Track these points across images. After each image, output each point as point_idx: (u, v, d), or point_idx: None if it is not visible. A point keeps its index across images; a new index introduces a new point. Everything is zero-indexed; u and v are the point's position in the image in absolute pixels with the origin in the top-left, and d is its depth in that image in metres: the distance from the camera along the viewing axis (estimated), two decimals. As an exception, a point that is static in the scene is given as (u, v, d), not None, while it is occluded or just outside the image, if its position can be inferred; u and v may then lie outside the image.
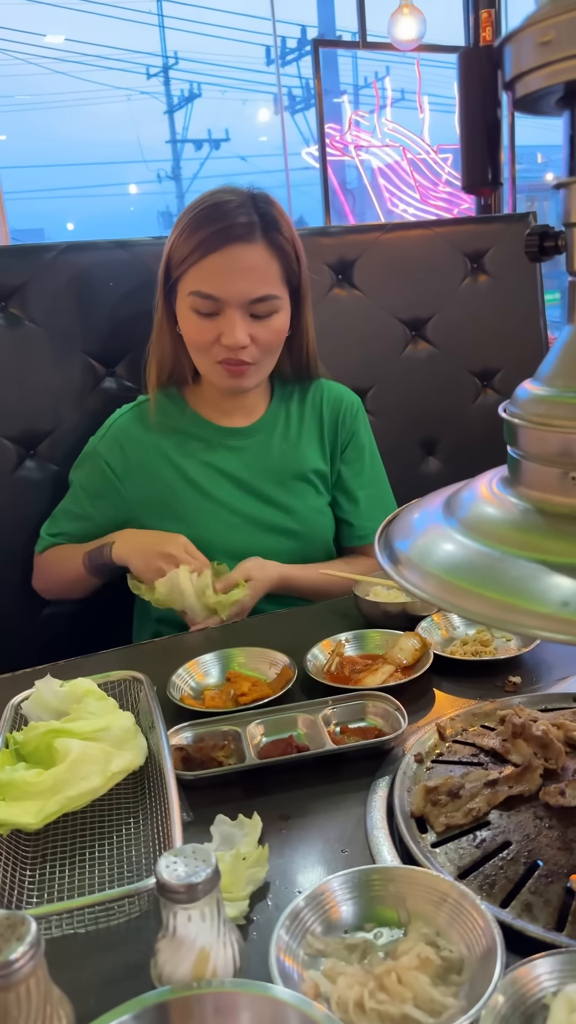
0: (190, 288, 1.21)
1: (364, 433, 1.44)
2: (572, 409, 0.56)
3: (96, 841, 0.74)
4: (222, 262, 1.18)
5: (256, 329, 1.22)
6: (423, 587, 0.60)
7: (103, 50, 8.05)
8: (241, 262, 1.19)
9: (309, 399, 1.40)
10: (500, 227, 1.84)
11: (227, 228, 1.18)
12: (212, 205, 1.20)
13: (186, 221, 1.22)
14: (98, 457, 1.35)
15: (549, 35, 0.53)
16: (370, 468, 1.44)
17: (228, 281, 1.19)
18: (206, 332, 1.22)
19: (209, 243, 1.18)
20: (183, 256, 1.21)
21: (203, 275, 1.19)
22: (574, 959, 0.53)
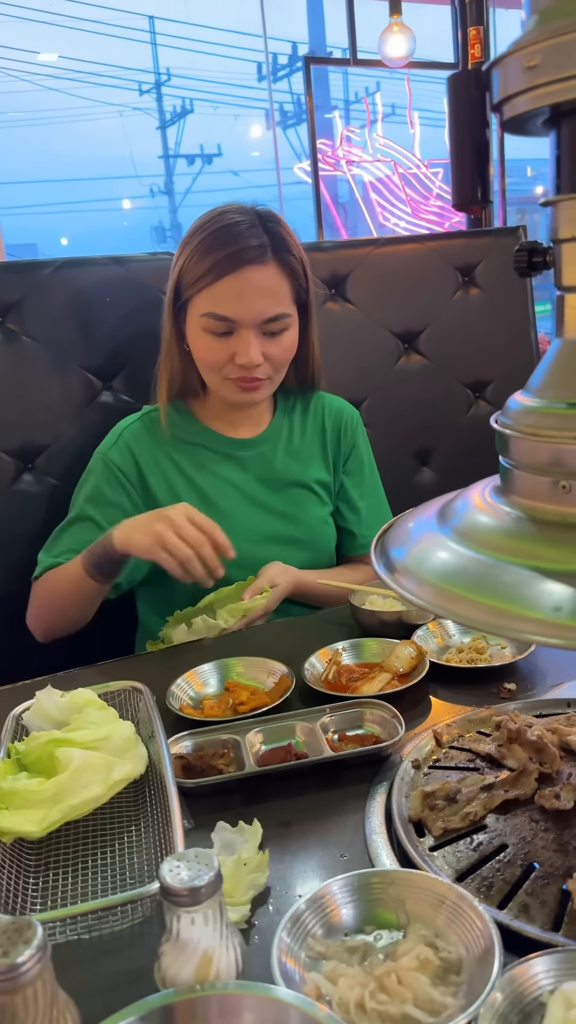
0: (203, 310, 1.22)
1: (363, 445, 1.48)
2: (562, 420, 0.58)
3: (98, 848, 0.75)
4: (236, 285, 1.20)
5: (268, 347, 1.25)
6: (419, 594, 0.61)
7: (96, 67, 8.11)
8: (254, 284, 1.21)
9: (311, 411, 1.43)
10: (490, 241, 1.87)
11: (240, 251, 1.19)
12: (222, 227, 1.22)
13: (197, 243, 1.23)
14: (109, 463, 1.33)
15: (535, 60, 0.55)
16: (369, 479, 1.48)
17: (242, 304, 1.21)
18: (219, 352, 1.24)
19: (222, 266, 1.20)
20: (195, 278, 1.22)
21: (216, 298, 1.21)
22: (570, 957, 0.55)
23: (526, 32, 0.57)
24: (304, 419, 1.43)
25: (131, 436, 1.36)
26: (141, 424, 1.37)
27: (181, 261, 1.25)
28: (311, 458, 1.41)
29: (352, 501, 1.45)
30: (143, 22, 7.82)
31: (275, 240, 1.23)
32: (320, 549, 1.41)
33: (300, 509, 1.39)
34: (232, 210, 1.25)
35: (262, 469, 1.38)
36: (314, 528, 1.40)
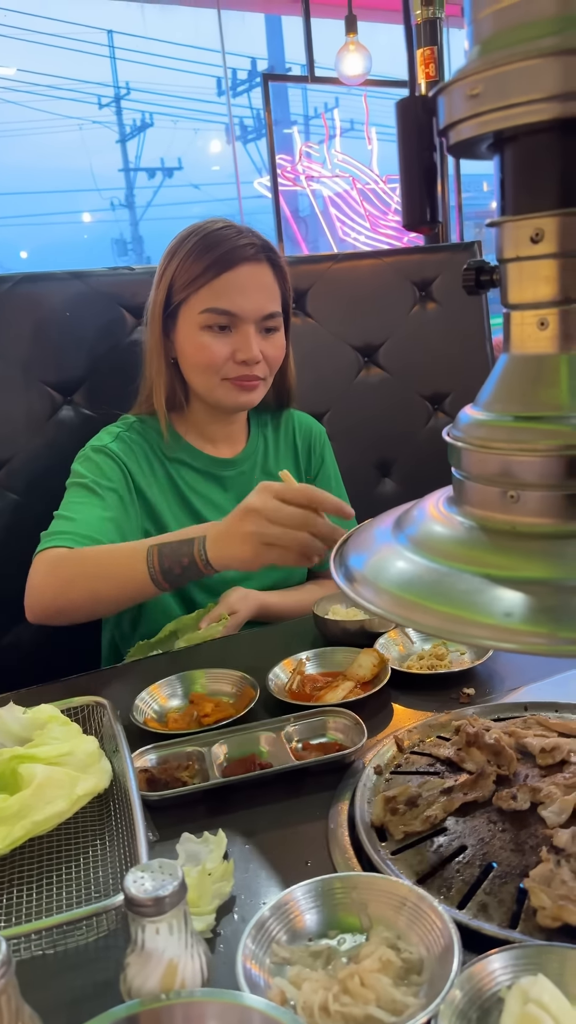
0: (203, 306, 1.24)
1: (330, 460, 1.51)
2: (510, 432, 0.60)
3: (63, 863, 0.75)
4: (236, 279, 1.24)
5: (264, 345, 1.28)
6: (377, 603, 0.63)
7: (55, 80, 8.10)
8: (255, 280, 1.25)
9: (283, 428, 1.46)
10: (446, 256, 1.91)
11: (239, 248, 1.24)
12: (214, 231, 1.26)
13: (189, 247, 1.26)
14: (112, 453, 1.29)
15: (477, 88, 0.57)
16: (337, 493, 1.51)
17: (244, 297, 1.24)
18: (219, 349, 1.26)
19: (223, 262, 1.23)
20: (191, 278, 1.24)
21: (217, 293, 1.24)
22: (527, 953, 0.56)
23: (469, 61, 0.59)
24: (277, 437, 1.45)
25: (129, 438, 1.33)
26: (129, 432, 1.35)
27: (172, 267, 1.27)
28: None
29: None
30: (102, 36, 7.82)
31: (265, 244, 1.28)
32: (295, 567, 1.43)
33: None
34: (217, 220, 1.29)
35: (243, 489, 1.38)
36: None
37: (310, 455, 1.47)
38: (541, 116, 0.55)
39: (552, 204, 0.58)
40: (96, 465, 1.28)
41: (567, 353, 0.60)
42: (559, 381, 0.59)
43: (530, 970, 0.55)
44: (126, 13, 6.44)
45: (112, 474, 1.28)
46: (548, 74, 0.54)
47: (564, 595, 0.55)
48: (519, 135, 0.58)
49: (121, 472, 1.29)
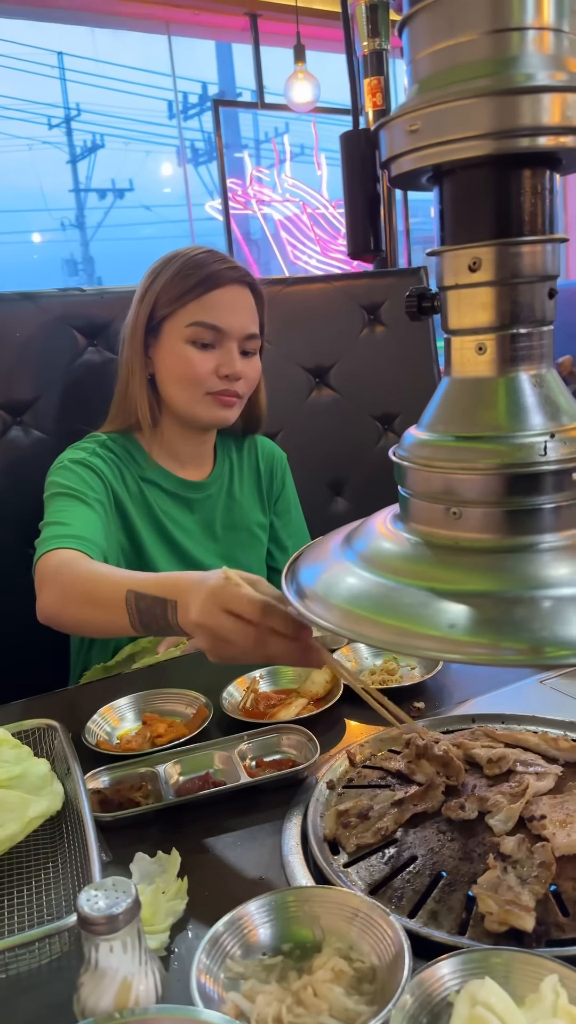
0: (190, 320, 1.26)
1: (290, 486, 1.55)
2: (451, 451, 0.62)
3: (15, 887, 0.74)
4: (225, 297, 1.27)
5: (244, 366, 1.31)
6: (327, 618, 0.65)
7: (3, 100, 8.06)
8: (239, 300, 1.29)
9: (246, 453, 1.48)
10: (394, 281, 1.96)
11: (226, 270, 1.27)
12: (200, 254, 1.28)
13: (176, 267, 1.28)
14: (92, 465, 1.28)
15: (416, 124, 0.60)
16: (296, 518, 1.54)
17: (230, 314, 1.27)
18: (203, 363, 1.27)
19: (211, 280, 1.26)
20: (178, 294, 1.26)
21: (205, 308, 1.26)
22: (474, 957, 0.58)
23: (409, 99, 0.62)
24: (241, 462, 1.47)
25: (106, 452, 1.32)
26: (102, 448, 1.33)
27: (157, 285, 1.29)
28: (250, 501, 1.46)
29: (281, 541, 1.51)
30: (52, 58, 7.82)
31: (246, 270, 1.32)
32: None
33: (243, 552, 1.43)
34: (200, 247, 1.32)
35: (208, 513, 1.40)
36: (255, 570, 1.43)
37: (272, 480, 1.50)
38: (476, 152, 0.58)
39: (489, 234, 0.61)
40: (78, 475, 1.27)
41: (504, 376, 0.63)
42: (497, 403, 0.62)
43: (477, 974, 0.57)
44: (77, 36, 6.46)
45: (95, 485, 1.27)
46: (482, 113, 0.57)
47: (505, 607, 0.57)
48: (456, 169, 0.62)
49: (103, 484, 1.29)
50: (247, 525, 1.44)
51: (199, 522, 1.39)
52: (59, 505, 1.22)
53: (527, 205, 0.60)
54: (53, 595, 1.07)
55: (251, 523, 1.45)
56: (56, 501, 1.23)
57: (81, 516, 1.20)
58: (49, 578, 1.09)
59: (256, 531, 1.46)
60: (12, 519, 1.46)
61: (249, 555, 1.44)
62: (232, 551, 1.41)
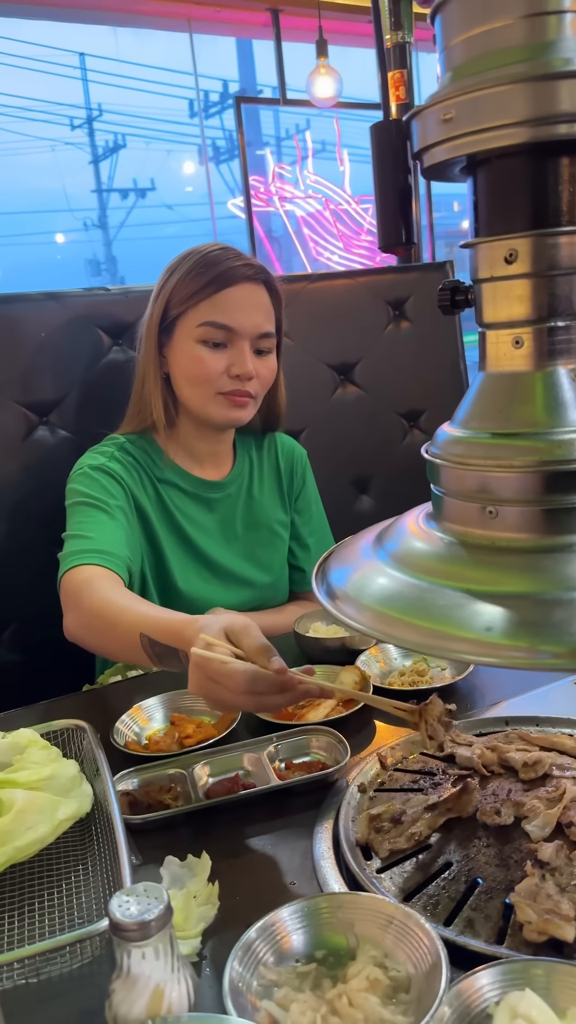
0: (202, 320, 1.25)
1: (311, 483, 1.53)
2: (487, 449, 0.61)
3: (45, 890, 0.73)
4: (237, 296, 1.25)
5: (258, 365, 1.29)
6: (359, 619, 0.63)
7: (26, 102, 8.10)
8: (253, 298, 1.27)
9: (266, 451, 1.47)
10: (419, 276, 1.93)
11: (239, 267, 1.26)
12: (215, 252, 1.27)
13: (190, 264, 1.27)
14: (112, 471, 1.27)
15: (450, 113, 0.59)
16: (317, 516, 1.52)
17: (242, 313, 1.25)
18: (215, 363, 1.26)
19: (224, 278, 1.25)
20: (191, 292, 1.25)
21: (217, 307, 1.25)
22: (514, 968, 0.56)
23: (442, 87, 0.61)
24: (261, 460, 1.46)
25: (123, 455, 1.32)
26: (120, 451, 1.33)
27: (171, 282, 1.28)
28: (271, 499, 1.45)
29: (302, 538, 1.49)
30: (73, 59, 7.85)
31: (262, 267, 1.30)
32: (280, 587, 1.45)
33: (265, 550, 1.42)
34: (216, 244, 1.31)
35: (228, 512, 1.39)
36: (276, 569, 1.43)
37: (292, 478, 1.48)
38: (513, 140, 0.57)
39: (525, 225, 0.60)
40: (98, 483, 1.26)
41: (542, 370, 0.61)
42: (534, 398, 0.61)
43: (517, 985, 0.55)
44: (98, 36, 6.48)
45: (116, 491, 1.27)
46: (518, 99, 0.55)
47: (544, 608, 0.56)
48: (491, 158, 0.60)
49: (123, 490, 1.28)
50: (268, 523, 1.43)
51: (219, 521, 1.38)
52: (81, 516, 1.22)
53: (565, 194, 0.58)
54: (76, 621, 1.09)
55: (272, 521, 1.43)
56: (78, 511, 1.23)
57: (103, 527, 1.20)
58: (72, 601, 1.10)
59: (277, 529, 1.44)
60: (39, 518, 1.46)
61: (271, 554, 1.42)
62: (253, 550, 1.40)
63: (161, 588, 1.32)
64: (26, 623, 1.50)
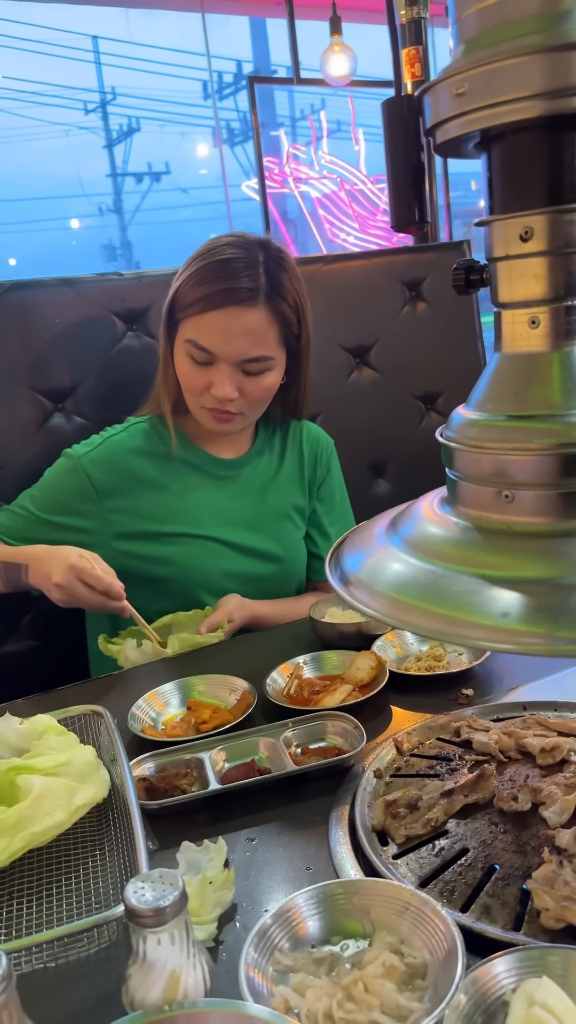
0: (188, 335, 1.24)
1: (336, 472, 1.51)
2: (502, 432, 0.60)
3: (63, 875, 0.74)
4: (221, 320, 1.21)
5: (246, 384, 1.26)
6: (373, 605, 0.63)
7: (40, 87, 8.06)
8: (239, 324, 1.21)
9: (291, 437, 1.46)
10: (436, 256, 1.91)
11: (230, 290, 1.20)
12: (221, 260, 1.22)
13: (195, 269, 1.23)
14: (80, 469, 1.32)
15: (463, 87, 0.57)
16: (340, 506, 1.51)
17: (224, 340, 1.22)
18: (198, 379, 1.25)
19: (211, 300, 1.20)
20: (186, 303, 1.24)
21: (201, 328, 1.22)
22: (531, 956, 0.56)
23: (454, 60, 0.59)
24: (283, 444, 1.45)
25: (113, 446, 1.34)
26: (127, 435, 1.35)
27: (179, 283, 1.26)
28: (289, 482, 1.44)
29: (323, 527, 1.48)
30: (86, 42, 7.81)
31: (271, 284, 1.23)
32: (293, 566, 1.43)
33: (277, 530, 1.41)
34: (237, 243, 1.24)
35: (243, 490, 1.39)
36: (290, 549, 1.42)
37: (316, 466, 1.47)
38: (527, 114, 0.55)
39: (541, 202, 0.58)
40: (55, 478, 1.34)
41: (559, 351, 0.60)
42: (551, 379, 0.59)
43: (534, 972, 0.55)
44: (111, 18, 6.43)
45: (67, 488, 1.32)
46: (533, 71, 0.54)
47: (561, 594, 0.55)
48: (506, 133, 0.58)
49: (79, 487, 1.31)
50: (281, 507, 1.42)
51: (234, 499, 1.37)
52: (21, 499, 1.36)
53: (582, 169, 0.57)
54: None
55: (287, 505, 1.42)
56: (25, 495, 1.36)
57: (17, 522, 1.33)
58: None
59: (291, 514, 1.43)
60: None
61: (279, 529, 1.41)
62: (260, 523, 1.39)
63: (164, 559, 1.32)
64: (43, 610, 1.50)
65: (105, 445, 1.34)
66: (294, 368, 1.34)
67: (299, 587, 1.46)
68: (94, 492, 1.31)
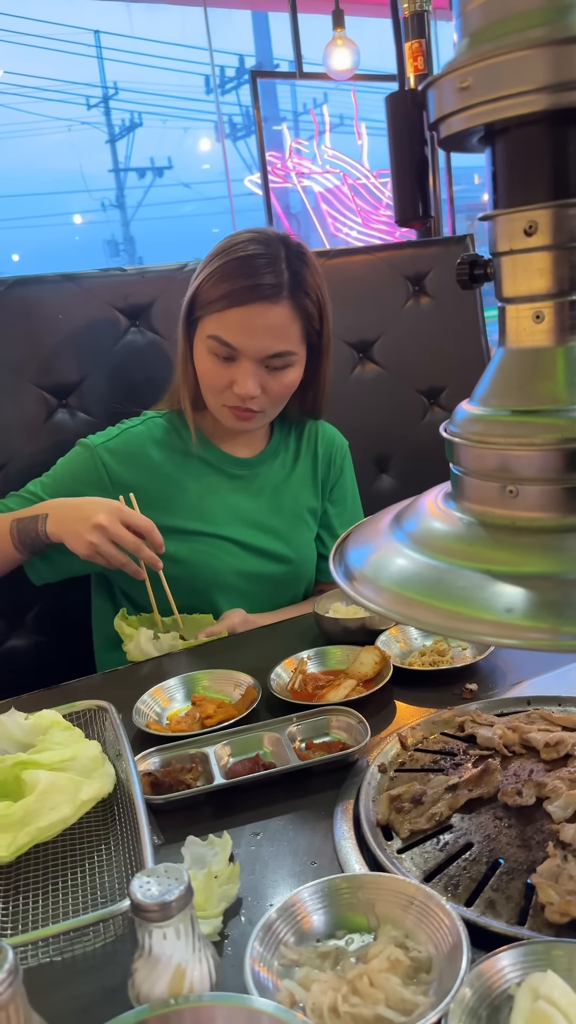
0: (210, 332, 1.23)
1: (349, 474, 1.51)
2: (507, 427, 0.59)
3: (68, 869, 0.74)
4: (245, 317, 1.20)
5: (268, 380, 1.25)
6: (377, 601, 0.63)
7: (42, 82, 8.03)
8: (263, 320, 1.21)
9: (306, 437, 1.46)
10: (439, 250, 1.90)
11: (254, 286, 1.19)
12: (243, 257, 1.21)
13: (216, 266, 1.23)
14: (96, 457, 1.31)
15: (467, 81, 0.57)
16: (352, 507, 1.51)
17: (248, 336, 1.21)
18: (219, 376, 1.25)
19: (235, 296, 1.20)
20: (207, 300, 1.23)
21: (224, 324, 1.21)
22: (535, 950, 0.56)
23: (458, 54, 0.59)
24: (299, 444, 1.45)
25: (131, 437, 1.34)
26: (145, 429, 1.35)
27: (199, 279, 1.25)
28: (303, 483, 1.44)
29: (334, 529, 1.47)
30: (88, 36, 7.79)
31: (294, 279, 1.23)
32: (303, 567, 1.43)
33: (290, 529, 1.41)
34: (259, 239, 1.24)
35: (257, 489, 1.39)
36: (302, 548, 1.42)
37: (329, 466, 1.47)
38: (532, 107, 0.55)
39: (545, 196, 0.58)
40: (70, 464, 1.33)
41: (563, 345, 0.59)
42: (556, 374, 0.59)
43: (539, 966, 0.55)
44: (112, 13, 6.42)
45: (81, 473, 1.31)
46: (538, 65, 0.54)
47: (565, 589, 0.55)
48: (510, 127, 0.58)
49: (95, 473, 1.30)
50: (295, 507, 1.42)
51: (244, 497, 1.37)
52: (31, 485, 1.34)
53: (587, 163, 0.56)
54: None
55: (300, 506, 1.42)
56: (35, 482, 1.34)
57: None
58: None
59: (304, 515, 1.43)
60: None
61: (292, 531, 1.41)
62: (274, 525, 1.39)
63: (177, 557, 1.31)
64: (48, 605, 1.51)
65: (123, 436, 1.34)
66: (313, 365, 1.34)
67: (308, 588, 1.46)
68: (108, 482, 1.31)
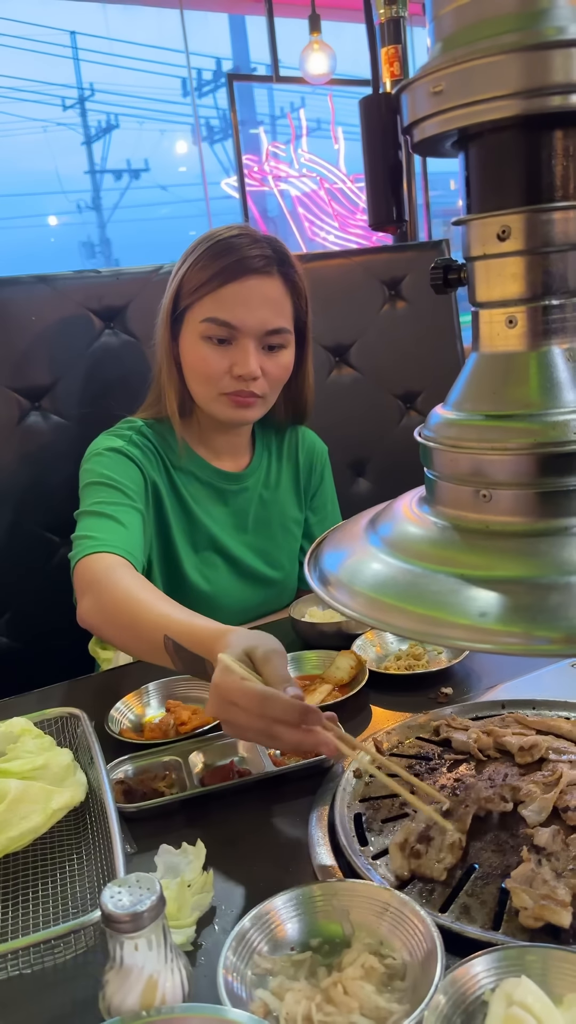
0: (204, 315, 1.20)
1: (329, 482, 1.50)
2: (480, 431, 0.59)
3: (39, 880, 0.73)
4: (241, 291, 1.19)
5: (266, 362, 1.23)
6: (352, 606, 0.62)
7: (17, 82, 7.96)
8: (259, 293, 1.20)
9: (287, 444, 1.44)
10: (415, 255, 1.91)
11: (246, 259, 1.19)
12: (229, 238, 1.21)
13: (201, 251, 1.22)
14: (131, 456, 1.24)
15: (440, 86, 0.57)
16: (332, 515, 1.50)
17: (246, 310, 1.19)
18: (217, 362, 1.21)
19: (229, 272, 1.18)
20: (197, 284, 1.20)
21: (220, 303, 1.19)
22: (509, 955, 0.56)
23: (431, 59, 0.59)
24: (280, 452, 1.43)
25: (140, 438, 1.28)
26: (137, 435, 1.28)
27: (183, 270, 1.23)
28: (287, 495, 1.42)
29: (314, 536, 1.46)
30: (64, 37, 7.73)
31: (280, 256, 1.23)
32: (288, 586, 1.43)
33: (277, 548, 1.40)
34: (237, 227, 1.25)
35: (242, 505, 1.36)
36: (286, 567, 1.41)
37: (311, 474, 1.45)
38: (505, 112, 0.55)
39: (518, 201, 0.58)
40: (118, 466, 1.23)
41: (536, 350, 0.60)
42: (528, 379, 0.59)
43: (513, 972, 0.55)
44: (88, 14, 6.38)
45: (135, 477, 1.23)
46: (511, 70, 0.54)
47: (538, 593, 0.55)
48: (483, 132, 0.58)
49: (142, 476, 1.25)
50: (281, 520, 1.40)
51: (232, 514, 1.35)
52: (100, 496, 1.18)
53: (559, 169, 0.57)
54: (94, 608, 1.05)
55: (286, 519, 1.41)
56: (96, 491, 1.19)
57: (124, 514, 1.17)
58: (91, 588, 1.06)
59: (290, 527, 1.42)
60: (34, 504, 1.45)
61: (281, 551, 1.40)
62: (264, 546, 1.38)
63: (168, 576, 1.30)
64: (21, 611, 1.49)
65: (134, 436, 1.27)
66: (300, 356, 1.31)
67: (291, 598, 1.45)
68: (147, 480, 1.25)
